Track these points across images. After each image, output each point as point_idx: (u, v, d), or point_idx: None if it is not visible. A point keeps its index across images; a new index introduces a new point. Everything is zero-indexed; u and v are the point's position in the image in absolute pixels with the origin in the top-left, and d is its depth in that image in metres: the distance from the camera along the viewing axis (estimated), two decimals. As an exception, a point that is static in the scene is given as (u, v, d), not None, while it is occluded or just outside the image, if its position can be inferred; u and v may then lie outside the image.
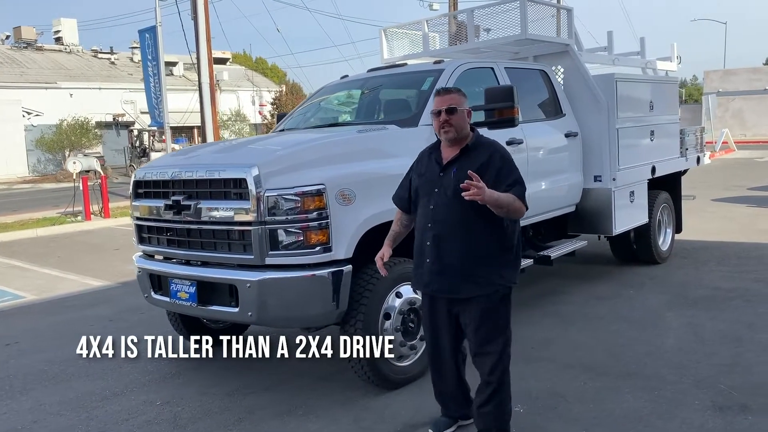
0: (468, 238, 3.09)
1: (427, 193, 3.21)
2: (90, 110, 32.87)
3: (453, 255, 3.12)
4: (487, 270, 3.11)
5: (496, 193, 2.95)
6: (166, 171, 4.34)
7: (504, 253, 3.16)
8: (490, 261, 3.11)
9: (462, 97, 3.19)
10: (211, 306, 4.14)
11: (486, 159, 3.09)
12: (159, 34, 15.72)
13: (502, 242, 3.14)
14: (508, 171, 3.10)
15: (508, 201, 3.00)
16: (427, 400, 4.01)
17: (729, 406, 3.67)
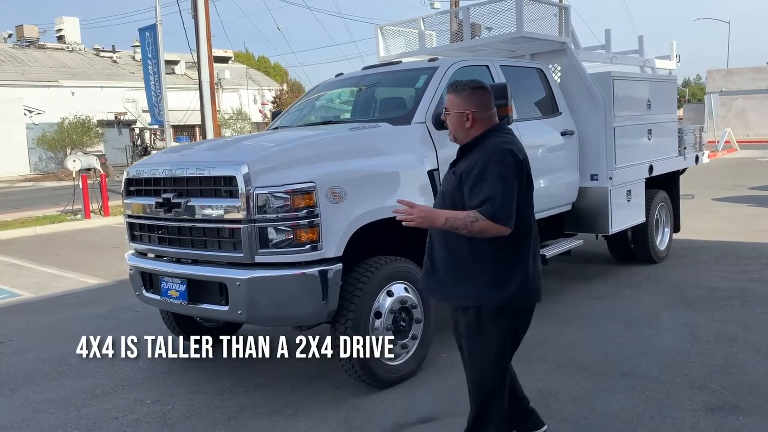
0: (447, 244, 2.85)
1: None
2: (92, 109, 32.93)
3: (439, 259, 2.92)
4: (464, 283, 2.82)
5: (441, 216, 2.71)
6: (157, 168, 4.32)
7: (485, 267, 2.78)
8: (467, 274, 2.81)
9: (459, 99, 2.85)
10: (201, 304, 4.12)
11: (470, 165, 2.77)
12: (159, 32, 15.72)
13: (485, 255, 2.77)
14: (482, 184, 2.70)
15: (462, 223, 2.66)
16: (418, 399, 4.00)
17: (721, 407, 3.64)
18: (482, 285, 2.79)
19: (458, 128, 2.87)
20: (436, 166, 4.63)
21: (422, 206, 2.80)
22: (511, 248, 2.78)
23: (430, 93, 4.87)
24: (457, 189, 2.78)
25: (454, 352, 4.75)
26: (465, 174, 2.75)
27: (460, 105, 2.84)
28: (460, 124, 2.85)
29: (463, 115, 2.83)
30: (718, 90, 34.45)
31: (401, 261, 4.31)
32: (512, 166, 2.71)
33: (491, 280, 2.78)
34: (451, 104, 2.88)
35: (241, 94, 40.71)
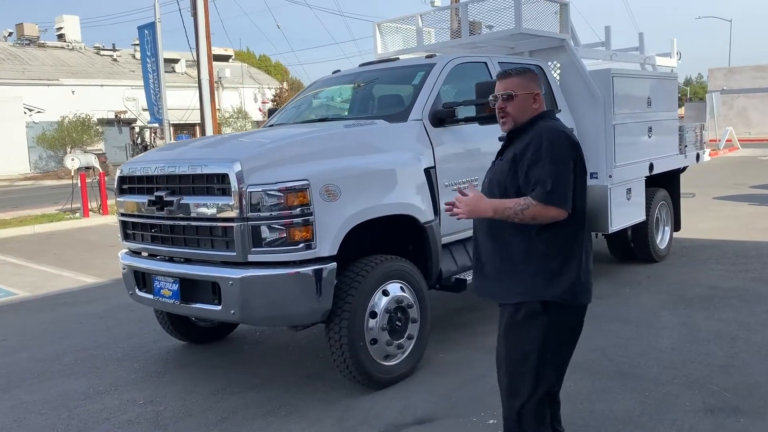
0: (493, 236, 2.68)
1: (482, 184, 2.86)
2: (92, 107, 32.91)
3: (484, 254, 2.75)
4: (511, 276, 2.65)
5: (488, 209, 2.56)
6: (150, 166, 4.27)
7: (533, 260, 2.61)
8: (514, 267, 2.64)
9: (526, 80, 2.70)
10: (194, 304, 4.07)
11: (521, 149, 2.61)
12: (158, 30, 15.66)
13: (535, 248, 2.61)
14: (535, 166, 2.55)
15: (512, 212, 2.53)
16: (413, 400, 3.94)
17: (720, 408, 3.58)
18: (531, 280, 2.62)
19: (526, 110, 2.68)
20: (433, 164, 4.58)
21: (470, 197, 2.60)
22: (562, 240, 2.62)
23: (427, 90, 4.81)
24: (509, 175, 2.62)
25: (451, 352, 4.73)
26: (519, 157, 2.60)
27: (528, 86, 2.70)
28: (528, 106, 2.68)
29: (531, 96, 2.69)
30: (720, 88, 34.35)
31: (397, 260, 4.25)
32: (567, 146, 2.58)
33: (541, 274, 2.61)
34: (518, 86, 2.69)
35: (241, 93, 40.67)
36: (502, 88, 2.71)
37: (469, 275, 4.80)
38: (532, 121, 2.67)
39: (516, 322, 2.66)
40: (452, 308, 5.88)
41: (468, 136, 4.90)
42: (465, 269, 4.86)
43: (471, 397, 3.93)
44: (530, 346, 2.64)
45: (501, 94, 2.70)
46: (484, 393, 3.92)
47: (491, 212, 2.57)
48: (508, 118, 2.69)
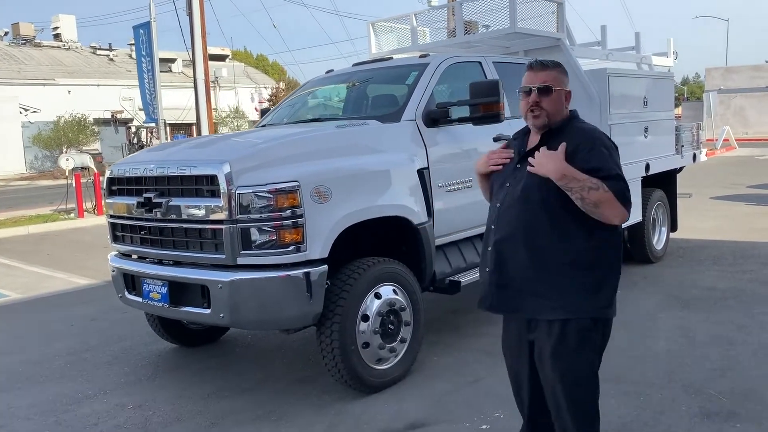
0: (534, 246, 2.41)
1: (499, 187, 2.58)
2: (88, 107, 32.81)
3: (516, 265, 2.46)
4: (550, 289, 2.41)
5: (560, 166, 2.30)
6: (139, 167, 4.21)
7: (581, 272, 2.39)
8: (561, 280, 2.40)
9: (562, 74, 2.50)
10: (183, 307, 4.01)
11: (573, 148, 2.37)
12: (153, 29, 15.58)
13: (580, 258, 2.39)
14: (600, 162, 2.34)
15: (580, 185, 2.28)
16: (406, 405, 3.89)
17: (717, 413, 3.53)
18: (576, 293, 2.40)
19: (560, 108, 2.48)
20: (426, 165, 4.52)
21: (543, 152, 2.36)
22: (608, 248, 2.44)
23: (421, 90, 4.76)
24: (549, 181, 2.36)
25: (444, 355, 4.67)
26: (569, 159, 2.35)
27: (564, 81, 2.51)
28: (562, 104, 2.49)
29: (565, 93, 2.50)
30: (717, 88, 34.35)
31: (390, 262, 4.19)
32: (616, 151, 2.45)
33: (585, 286, 2.40)
34: (555, 80, 2.47)
35: (238, 92, 40.59)
36: (540, 80, 2.46)
37: (463, 277, 4.75)
38: (569, 120, 2.50)
39: (567, 342, 2.42)
40: (446, 310, 5.82)
41: (462, 137, 4.84)
42: (459, 271, 4.80)
43: (464, 402, 3.87)
44: (589, 367, 2.48)
45: (537, 87, 2.45)
46: (478, 397, 3.87)
47: (558, 174, 2.31)
48: (542, 113, 2.45)
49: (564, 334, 2.41)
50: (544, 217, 2.40)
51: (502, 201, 2.53)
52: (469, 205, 4.84)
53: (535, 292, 2.44)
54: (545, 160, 2.36)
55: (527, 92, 2.48)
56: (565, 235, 2.39)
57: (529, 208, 2.42)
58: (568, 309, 2.40)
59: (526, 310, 2.49)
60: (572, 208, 2.35)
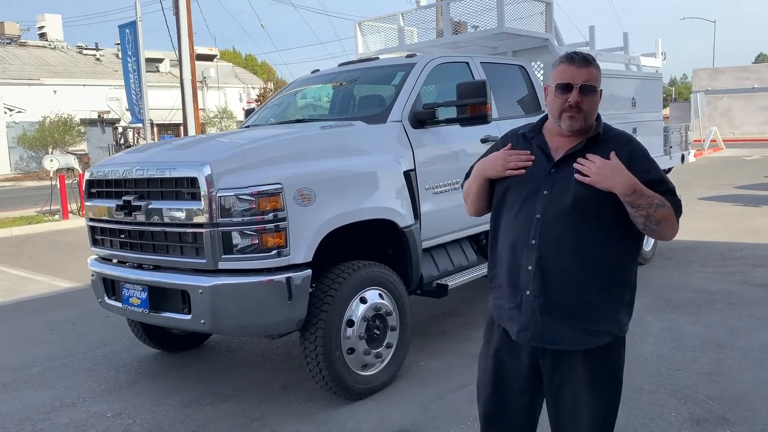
0: (590, 265, 2.13)
1: (528, 195, 2.20)
2: (74, 107, 32.51)
3: (564, 286, 2.14)
4: (603, 311, 2.17)
5: (628, 181, 2.04)
6: (118, 169, 4.11)
7: (625, 290, 2.21)
8: (609, 299, 2.17)
9: (599, 73, 2.20)
10: (163, 313, 3.90)
11: (626, 159, 2.11)
12: (139, 29, 15.41)
13: (627, 274, 2.20)
14: (656, 173, 2.14)
15: (648, 202, 2.06)
16: (392, 411, 3.81)
17: (707, 419, 3.48)
18: (626, 311, 2.23)
19: (596, 111, 2.20)
20: (413, 167, 4.45)
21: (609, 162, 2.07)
22: (636, 262, 2.29)
23: (407, 90, 4.68)
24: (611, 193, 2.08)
25: (431, 360, 4.60)
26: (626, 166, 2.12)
27: (599, 80, 2.20)
28: (597, 107, 2.20)
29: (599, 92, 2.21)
30: (704, 89, 34.57)
31: (375, 266, 4.11)
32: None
33: (625, 303, 2.22)
34: (597, 79, 2.17)
35: (226, 93, 40.37)
36: (583, 77, 2.13)
37: (451, 280, 4.68)
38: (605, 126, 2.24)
39: (610, 368, 2.23)
40: (434, 314, 5.75)
41: (449, 138, 4.78)
42: (447, 274, 4.74)
43: (451, 409, 3.80)
44: (620, 389, 2.29)
45: (580, 85, 2.12)
46: (464, 404, 3.79)
47: (628, 189, 2.04)
48: (581, 116, 2.15)
49: (608, 359, 2.22)
50: (599, 233, 2.10)
51: (543, 212, 2.16)
52: (457, 208, 4.75)
53: (584, 317, 2.15)
54: (609, 172, 2.06)
55: (566, 89, 2.13)
56: (617, 251, 2.16)
57: (584, 222, 2.11)
58: (614, 331, 2.20)
59: (569, 340, 2.17)
60: (622, 221, 2.13)
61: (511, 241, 2.22)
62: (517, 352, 2.28)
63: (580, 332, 2.15)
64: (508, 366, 2.31)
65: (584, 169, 2.08)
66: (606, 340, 2.18)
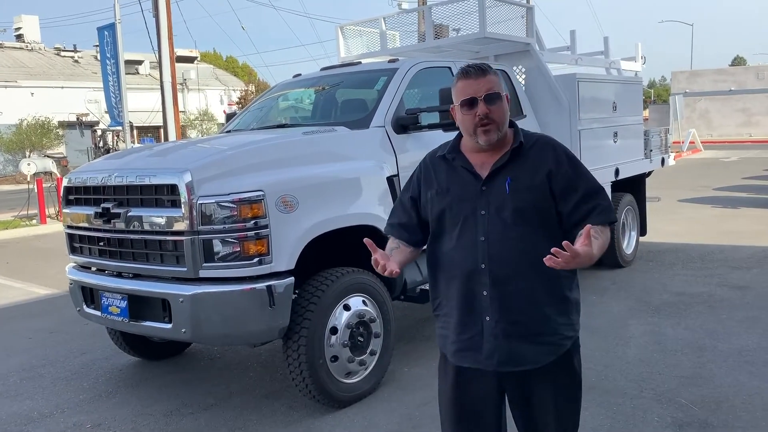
0: (542, 279, 2.07)
1: (466, 218, 2.13)
2: (52, 109, 32.06)
3: (522, 306, 2.09)
4: (560, 319, 2.14)
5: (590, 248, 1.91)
6: (97, 176, 4.04)
7: (572, 292, 2.19)
8: (563, 307, 2.15)
9: (499, 78, 2.15)
10: (143, 322, 3.84)
11: (553, 164, 2.10)
12: (118, 31, 15.25)
13: (572, 278, 2.19)
14: (582, 176, 2.13)
15: (604, 241, 2.05)
16: (376, 419, 3.79)
17: (689, 423, 3.49)
18: (578, 312, 2.23)
19: (507, 117, 2.13)
20: (396, 172, 4.42)
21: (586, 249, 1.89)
22: None
23: (390, 96, 4.66)
24: (545, 198, 2.08)
25: (416, 366, 4.58)
26: (549, 178, 2.09)
27: (502, 87, 2.15)
28: (508, 112, 2.13)
29: (506, 98, 2.15)
30: (683, 91, 34.97)
31: (359, 272, 4.09)
32: None
33: (577, 305, 2.22)
34: (499, 84, 2.11)
35: (207, 95, 40.08)
36: (485, 86, 2.07)
37: None
38: (523, 132, 2.18)
39: (572, 372, 2.22)
40: (418, 319, 5.74)
41: (432, 143, 4.67)
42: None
43: (435, 415, 3.71)
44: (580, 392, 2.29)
45: (483, 96, 2.06)
46: (449, 411, 3.77)
47: (598, 256, 2.00)
48: (494, 126, 2.08)
49: (570, 365, 2.20)
50: (547, 242, 1.96)
51: (486, 233, 2.09)
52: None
53: (542, 331, 2.12)
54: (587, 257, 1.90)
55: (471, 103, 2.07)
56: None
57: (531, 235, 2.05)
58: (570, 333, 2.18)
59: (533, 359, 2.12)
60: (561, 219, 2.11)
61: (459, 269, 2.14)
62: (477, 379, 2.20)
63: (544, 346, 2.13)
64: (469, 396, 2.23)
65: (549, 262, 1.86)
66: (567, 346, 2.18)
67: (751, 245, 8.00)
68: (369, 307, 4.08)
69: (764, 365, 4.23)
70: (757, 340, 4.70)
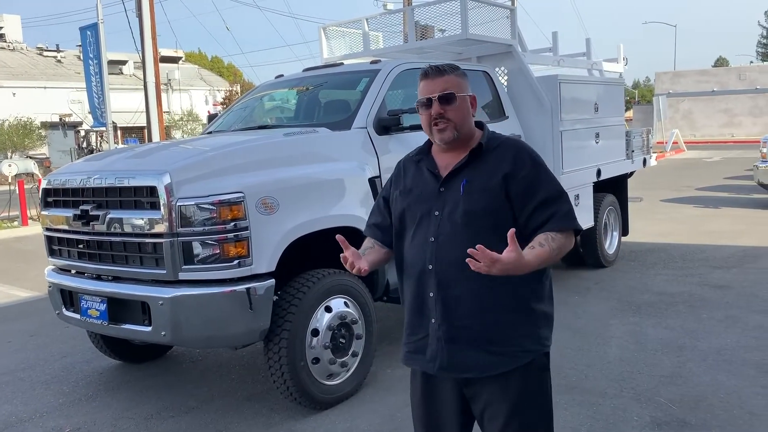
0: (488, 284, 1.99)
1: (421, 217, 2.13)
2: (34, 110, 31.73)
3: (469, 311, 2.04)
4: (518, 330, 2.06)
5: (525, 255, 1.88)
6: (75, 178, 4.01)
7: (539, 303, 2.10)
8: (523, 317, 2.07)
9: (461, 78, 2.14)
10: (123, 325, 3.81)
11: (510, 166, 2.05)
12: (101, 31, 15.11)
13: (537, 287, 2.10)
14: (543, 180, 2.07)
15: (550, 251, 1.97)
16: (358, 421, 3.78)
17: (667, 422, 3.53)
18: (545, 326, 2.12)
19: (466, 116, 2.12)
20: (378, 173, 4.42)
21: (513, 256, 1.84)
22: (547, 273, 2.16)
23: (372, 97, 4.66)
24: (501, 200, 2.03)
25: (398, 367, 4.57)
26: (507, 180, 2.04)
27: (465, 86, 2.14)
28: (467, 111, 2.12)
29: (468, 98, 2.13)
30: (666, 92, 35.30)
31: (340, 274, 4.08)
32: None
33: (548, 316, 2.13)
34: (456, 85, 2.10)
35: (192, 95, 39.87)
36: (439, 87, 2.09)
37: None
38: (489, 134, 2.16)
39: (529, 386, 2.09)
40: (401, 319, 5.71)
41: (414, 144, 4.66)
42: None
43: (417, 417, 3.78)
44: (548, 406, 2.15)
45: (437, 96, 2.08)
46: (430, 412, 3.78)
47: (536, 264, 1.93)
48: (449, 125, 2.08)
49: (526, 382, 2.08)
50: (499, 246, 1.85)
51: (436, 234, 2.07)
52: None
53: (494, 339, 2.04)
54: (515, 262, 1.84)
55: (427, 104, 2.10)
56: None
57: (479, 238, 1.93)
58: (535, 347, 2.08)
59: (482, 367, 2.06)
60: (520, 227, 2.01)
61: (412, 268, 2.14)
62: (441, 384, 2.16)
63: (492, 356, 2.04)
64: (435, 399, 2.19)
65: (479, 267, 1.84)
66: (525, 360, 2.06)
67: (731, 245, 8.09)
68: (351, 309, 4.08)
69: (742, 364, 4.28)
70: (735, 339, 4.75)
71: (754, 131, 33.17)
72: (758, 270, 6.80)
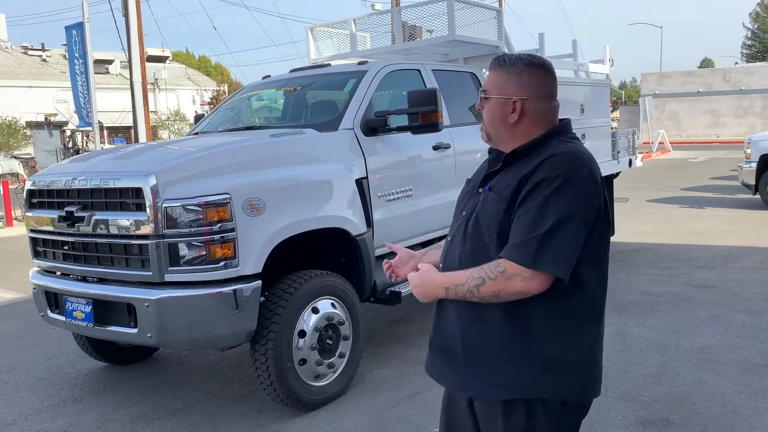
0: (476, 305, 1.80)
1: (457, 213, 1.99)
2: (19, 109, 31.45)
3: (453, 321, 1.88)
4: (499, 361, 1.80)
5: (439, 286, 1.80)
6: (60, 179, 3.98)
7: (526, 341, 1.78)
8: (506, 349, 1.80)
9: (507, 77, 1.84)
10: (108, 327, 3.79)
11: (531, 169, 1.76)
12: (87, 31, 15.02)
13: (525, 324, 1.78)
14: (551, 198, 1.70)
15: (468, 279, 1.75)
16: (344, 422, 3.79)
17: (651, 421, 3.56)
18: (531, 369, 1.78)
19: (498, 122, 1.86)
20: (365, 175, 4.43)
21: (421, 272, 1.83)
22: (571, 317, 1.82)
23: (359, 98, 4.67)
24: (506, 212, 1.78)
25: (385, 368, 4.59)
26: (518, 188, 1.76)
27: (506, 87, 1.83)
28: (502, 117, 1.84)
29: (509, 103, 1.83)
30: (652, 92, 35.55)
31: (327, 275, 4.09)
32: (587, 188, 1.75)
33: (541, 361, 1.78)
34: (493, 84, 1.86)
35: (179, 95, 39.68)
36: (485, 83, 1.90)
37: (404, 287, 4.67)
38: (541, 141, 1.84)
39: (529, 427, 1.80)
40: (389, 320, 5.75)
41: (402, 146, 4.78)
42: (400, 281, 4.73)
43: (403, 418, 3.79)
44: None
45: (481, 90, 1.90)
46: (416, 413, 3.80)
47: (443, 292, 1.81)
48: (484, 126, 1.91)
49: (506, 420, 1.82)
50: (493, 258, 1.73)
51: (453, 234, 1.93)
52: (410, 215, 4.79)
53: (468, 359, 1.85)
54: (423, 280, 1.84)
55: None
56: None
57: (481, 248, 1.80)
58: (516, 387, 1.79)
59: (453, 381, 1.91)
60: None
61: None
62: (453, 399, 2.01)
63: (469, 376, 1.85)
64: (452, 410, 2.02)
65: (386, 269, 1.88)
66: (503, 396, 1.80)
67: (716, 245, 8.17)
68: (338, 310, 4.08)
69: (725, 363, 4.33)
70: (719, 339, 4.80)
71: (738, 132, 33.50)
72: (742, 270, 6.87)
